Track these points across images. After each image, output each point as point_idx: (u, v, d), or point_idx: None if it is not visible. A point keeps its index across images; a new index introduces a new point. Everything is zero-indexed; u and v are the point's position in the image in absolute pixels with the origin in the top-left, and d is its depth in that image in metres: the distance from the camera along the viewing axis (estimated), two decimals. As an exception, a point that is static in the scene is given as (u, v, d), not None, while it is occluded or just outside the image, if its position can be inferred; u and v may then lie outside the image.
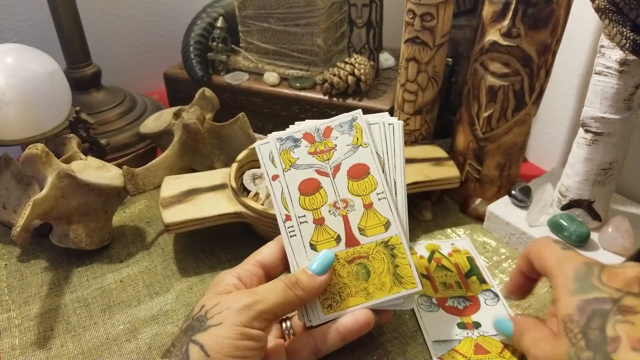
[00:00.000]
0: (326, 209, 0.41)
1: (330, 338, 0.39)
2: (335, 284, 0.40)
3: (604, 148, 0.47)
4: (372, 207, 0.41)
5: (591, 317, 0.32)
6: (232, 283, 0.37)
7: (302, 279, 0.37)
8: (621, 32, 0.40)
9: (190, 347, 0.33)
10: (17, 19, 0.76)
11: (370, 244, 0.40)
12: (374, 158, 0.42)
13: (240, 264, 0.40)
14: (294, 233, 0.41)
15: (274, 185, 0.42)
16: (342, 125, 0.43)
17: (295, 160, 0.42)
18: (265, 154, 0.43)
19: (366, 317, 0.39)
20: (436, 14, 0.52)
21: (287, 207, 0.41)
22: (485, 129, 0.55)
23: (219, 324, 0.33)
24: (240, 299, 0.34)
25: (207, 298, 0.36)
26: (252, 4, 0.70)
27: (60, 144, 0.56)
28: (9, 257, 0.54)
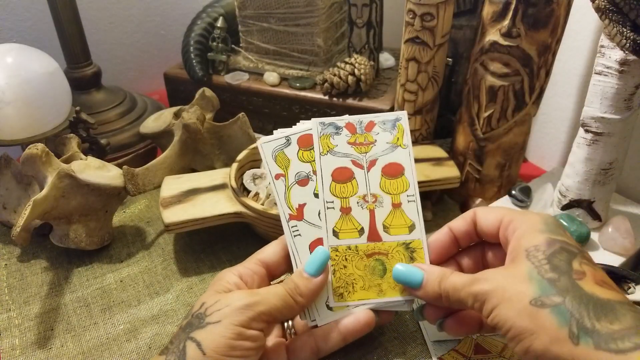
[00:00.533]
0: (355, 200, 0.41)
1: (331, 338, 0.38)
2: (350, 274, 0.40)
3: (604, 148, 0.47)
4: (400, 207, 0.41)
5: (558, 251, 0.32)
6: (233, 281, 0.37)
7: (300, 284, 0.37)
8: (621, 32, 0.40)
9: (187, 344, 0.33)
10: (17, 19, 0.76)
11: (392, 242, 0.40)
12: (410, 161, 0.42)
13: (242, 262, 0.40)
14: (298, 233, 0.40)
15: (277, 185, 0.42)
16: (385, 123, 0.44)
17: (333, 147, 0.43)
18: (268, 153, 0.43)
19: (367, 317, 0.39)
20: (436, 14, 0.52)
21: (291, 207, 0.41)
22: (485, 129, 0.55)
23: (217, 321, 0.33)
24: (240, 298, 0.34)
25: (207, 295, 0.36)
26: (252, 4, 0.70)
27: (60, 144, 0.56)
28: (9, 257, 0.54)
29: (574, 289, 0.30)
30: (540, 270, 0.31)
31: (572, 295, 0.30)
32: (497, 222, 0.37)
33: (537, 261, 0.32)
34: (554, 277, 0.31)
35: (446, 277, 0.35)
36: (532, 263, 0.32)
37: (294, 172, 0.42)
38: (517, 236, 0.34)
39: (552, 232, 0.34)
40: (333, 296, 0.39)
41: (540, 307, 0.30)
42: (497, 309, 0.31)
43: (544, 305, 0.30)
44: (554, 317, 0.29)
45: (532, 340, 0.29)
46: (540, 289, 0.30)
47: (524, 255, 0.33)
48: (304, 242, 0.40)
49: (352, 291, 0.40)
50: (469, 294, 0.33)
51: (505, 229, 0.36)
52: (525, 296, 0.30)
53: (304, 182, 0.42)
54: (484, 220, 0.38)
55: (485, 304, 0.32)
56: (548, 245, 0.33)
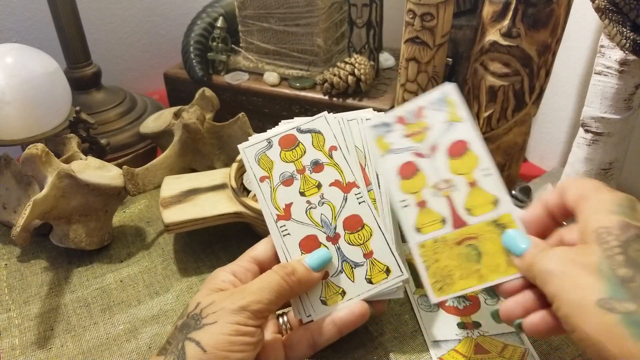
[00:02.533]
0: (428, 191, 0.40)
1: (326, 331, 0.39)
2: (444, 266, 0.38)
3: (604, 148, 0.47)
4: (476, 184, 0.39)
5: (634, 239, 0.27)
6: (227, 280, 0.38)
7: (299, 269, 0.38)
8: (621, 32, 0.40)
9: (186, 344, 0.33)
10: (17, 19, 0.76)
11: (480, 224, 0.38)
12: (473, 133, 0.40)
13: (235, 261, 0.40)
14: (287, 232, 0.41)
15: (263, 187, 0.42)
16: (433, 103, 0.41)
17: (389, 145, 0.41)
18: (251, 157, 0.43)
19: (361, 308, 0.39)
20: (436, 14, 0.52)
21: (277, 207, 0.41)
22: (485, 129, 0.55)
23: (214, 322, 0.33)
24: (234, 300, 0.34)
25: (201, 295, 0.36)
26: (252, 4, 0.70)
27: (60, 144, 0.56)
28: (9, 257, 0.54)
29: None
30: (613, 262, 0.27)
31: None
32: (577, 196, 0.32)
33: (609, 248, 0.27)
34: (628, 275, 0.26)
35: (543, 250, 0.31)
36: (604, 250, 0.27)
37: (278, 173, 0.42)
38: (585, 216, 0.30)
39: (627, 215, 0.28)
40: (433, 291, 0.38)
41: (608, 310, 0.25)
42: (558, 299, 0.27)
43: (614, 310, 0.25)
44: (626, 328, 0.25)
45: (597, 351, 0.25)
46: (611, 289, 0.26)
47: (594, 237, 0.28)
48: (293, 240, 0.41)
49: (450, 283, 0.38)
50: (535, 270, 0.30)
51: (577, 206, 0.31)
52: (591, 293, 0.26)
53: (288, 182, 0.42)
54: (568, 193, 0.33)
55: (546, 287, 0.28)
56: (622, 229, 0.28)
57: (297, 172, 0.42)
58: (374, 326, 0.45)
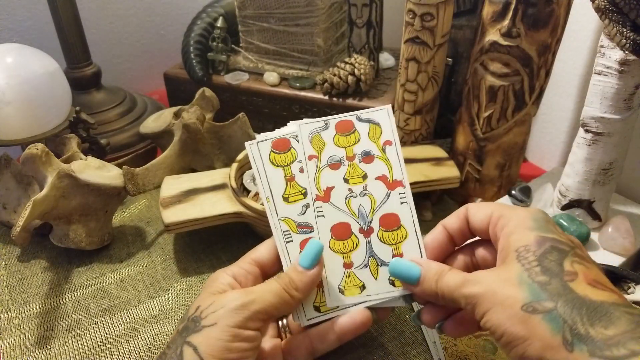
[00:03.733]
0: None
1: (327, 338, 0.38)
2: (462, 351, 0.42)
3: (604, 148, 0.47)
4: None
5: (549, 251, 0.31)
6: (227, 282, 0.37)
7: (295, 278, 0.37)
8: (621, 32, 0.40)
9: (184, 349, 0.32)
10: (17, 19, 0.76)
11: None
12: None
13: (236, 262, 0.40)
14: (322, 214, 0.40)
15: (309, 165, 0.41)
16: None
17: None
18: (305, 134, 0.43)
19: (363, 316, 0.38)
20: (436, 14, 0.52)
21: (319, 188, 0.41)
22: (485, 129, 0.55)
23: (213, 324, 0.33)
24: (235, 298, 0.34)
25: (202, 298, 0.36)
26: (252, 4, 0.70)
27: (60, 144, 0.56)
28: (9, 257, 0.54)
29: (566, 293, 0.29)
30: (531, 273, 0.30)
31: (565, 299, 0.29)
32: (487, 218, 0.36)
33: (528, 263, 0.31)
34: (545, 280, 0.30)
35: (443, 275, 0.34)
36: (523, 265, 0.31)
37: (328, 155, 0.42)
38: (506, 233, 0.33)
39: (541, 229, 0.33)
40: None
41: (532, 313, 0.29)
42: (488, 314, 0.31)
43: (536, 311, 0.29)
44: (547, 324, 0.28)
45: (525, 347, 0.29)
46: (531, 294, 0.30)
47: (514, 256, 0.32)
48: (326, 224, 0.40)
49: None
50: (461, 296, 0.33)
51: (495, 225, 0.35)
52: (516, 301, 0.30)
53: (335, 166, 0.42)
54: (474, 216, 0.37)
55: (477, 308, 0.31)
56: (538, 245, 0.32)
57: (347, 158, 0.42)
58: (374, 326, 0.46)
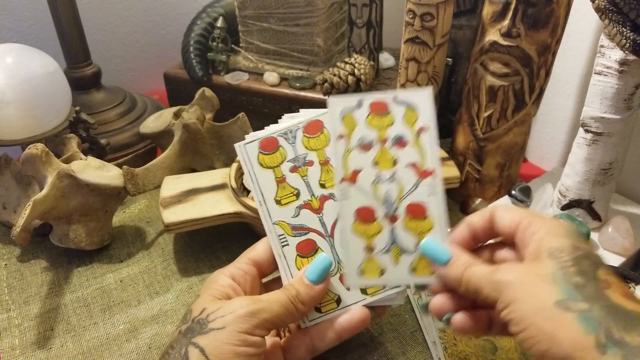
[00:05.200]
0: None
1: (326, 336, 0.38)
2: (461, 351, 0.42)
3: (604, 148, 0.47)
4: None
5: (582, 257, 0.31)
6: (226, 284, 0.37)
7: (302, 291, 0.37)
8: (621, 32, 0.40)
9: (190, 350, 0.32)
10: (17, 19, 0.76)
11: None
12: None
13: (233, 262, 0.40)
14: (345, 196, 0.39)
15: (338, 145, 0.40)
16: None
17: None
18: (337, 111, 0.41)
19: (362, 314, 0.38)
20: (436, 14, 0.52)
21: (346, 169, 0.39)
22: (485, 129, 0.55)
23: (221, 327, 0.33)
24: (244, 306, 0.34)
25: (205, 301, 0.36)
26: (252, 4, 0.70)
27: (60, 144, 0.56)
28: (9, 257, 0.54)
29: (601, 298, 0.28)
30: (566, 272, 0.30)
31: (600, 304, 0.28)
32: (515, 223, 0.35)
33: (563, 262, 0.30)
34: (581, 282, 0.29)
35: (472, 265, 0.34)
36: (558, 263, 0.30)
37: (358, 136, 0.40)
38: (538, 238, 0.33)
39: (574, 239, 0.32)
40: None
41: (564, 310, 0.28)
42: (514, 304, 0.30)
43: (570, 309, 0.28)
44: (581, 324, 0.27)
45: (550, 344, 0.28)
46: (566, 292, 0.29)
47: (547, 254, 0.31)
48: (350, 206, 0.39)
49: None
50: (489, 282, 0.32)
51: (525, 231, 0.34)
52: (549, 296, 0.29)
53: (366, 147, 0.40)
54: (502, 218, 0.36)
55: (503, 295, 0.30)
56: (572, 249, 0.31)
57: (379, 141, 0.40)
58: (374, 326, 0.46)
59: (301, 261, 0.40)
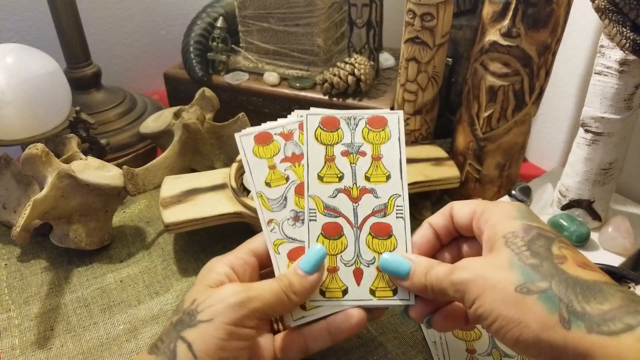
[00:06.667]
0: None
1: (320, 336, 0.37)
2: None
3: (604, 148, 0.47)
4: None
5: (536, 237, 0.31)
6: (224, 272, 0.36)
7: (295, 281, 0.36)
8: (621, 32, 0.40)
9: (178, 345, 0.32)
10: (17, 19, 0.76)
11: None
12: None
13: (233, 251, 0.39)
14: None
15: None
16: None
17: None
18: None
19: (358, 316, 0.37)
20: (436, 14, 0.52)
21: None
22: (485, 129, 0.55)
23: (209, 319, 0.32)
24: (234, 294, 0.33)
25: (198, 290, 0.35)
26: (252, 4, 0.70)
27: (60, 144, 0.56)
28: (9, 257, 0.54)
29: (558, 273, 0.29)
30: (521, 256, 0.30)
31: (558, 279, 0.29)
32: (470, 214, 0.36)
33: (517, 248, 0.31)
34: (536, 262, 0.30)
35: (432, 268, 0.34)
36: (512, 250, 0.31)
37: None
38: (492, 224, 0.33)
39: (526, 219, 0.33)
40: None
41: (526, 294, 0.28)
42: (479, 299, 0.30)
43: (530, 291, 0.29)
44: (543, 304, 0.28)
45: (521, 329, 0.28)
46: (524, 276, 0.29)
47: (502, 242, 0.32)
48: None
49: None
50: (450, 283, 0.32)
51: (479, 219, 0.35)
52: (509, 283, 0.29)
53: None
54: (458, 212, 0.37)
55: (466, 294, 0.31)
56: (525, 231, 0.32)
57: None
58: (374, 326, 0.46)
59: (322, 241, 0.39)
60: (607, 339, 0.26)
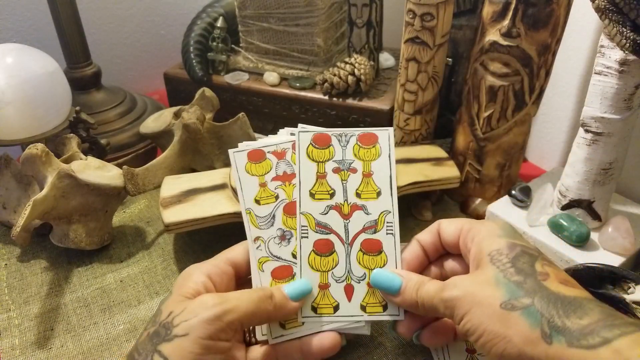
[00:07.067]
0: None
1: (292, 355, 0.38)
2: None
3: (604, 148, 0.47)
4: None
5: (520, 254, 0.33)
6: (201, 281, 0.36)
7: (277, 296, 0.36)
8: (621, 32, 0.40)
9: (154, 359, 0.32)
10: (17, 19, 0.76)
11: None
12: None
13: (210, 260, 0.39)
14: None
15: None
16: None
17: None
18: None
19: (332, 341, 0.38)
20: (436, 13, 0.52)
21: None
22: (485, 129, 0.55)
23: (184, 334, 0.32)
24: (208, 307, 0.33)
25: (174, 301, 0.35)
26: (252, 4, 0.70)
27: (60, 144, 0.56)
28: (9, 257, 0.54)
29: (541, 290, 0.30)
30: (506, 273, 0.32)
31: (540, 295, 0.30)
32: (457, 232, 0.37)
33: (502, 265, 0.32)
34: (520, 279, 0.31)
35: (423, 284, 0.35)
36: (497, 267, 0.32)
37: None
38: (477, 241, 0.35)
39: (510, 237, 0.35)
40: None
41: (510, 310, 0.30)
42: (467, 315, 0.31)
43: (514, 307, 0.30)
44: (526, 319, 0.29)
45: (505, 344, 0.29)
46: (509, 292, 0.31)
47: (488, 260, 0.33)
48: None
49: None
50: (440, 300, 0.33)
51: (465, 237, 0.36)
52: (494, 300, 0.31)
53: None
54: (445, 230, 0.38)
55: (456, 310, 0.32)
56: (510, 249, 0.33)
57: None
58: (374, 326, 0.45)
59: (313, 258, 0.40)
60: (586, 352, 0.27)
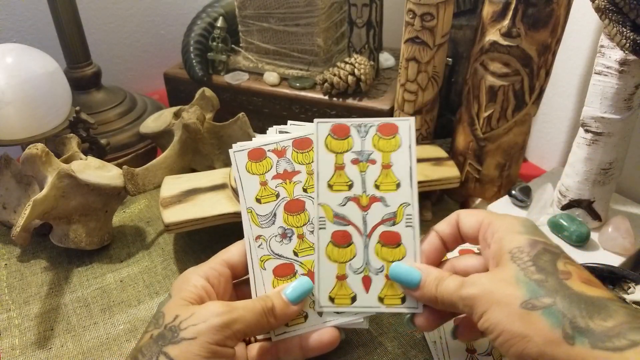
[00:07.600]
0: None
1: (292, 350, 0.39)
2: None
3: (604, 148, 0.47)
4: None
5: (542, 252, 0.32)
6: (201, 285, 0.37)
7: (277, 306, 0.37)
8: (621, 32, 0.40)
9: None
10: (17, 19, 0.76)
11: None
12: None
13: (207, 262, 0.40)
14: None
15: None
16: None
17: None
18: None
19: (331, 336, 0.38)
20: (436, 13, 0.52)
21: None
22: (485, 129, 0.55)
23: (192, 338, 0.32)
24: (217, 314, 0.33)
25: (178, 306, 0.35)
26: (252, 4, 0.70)
27: (60, 144, 0.56)
28: (9, 257, 0.54)
29: (563, 289, 0.30)
30: (527, 272, 0.31)
31: (562, 295, 0.29)
32: (477, 225, 0.37)
33: (523, 263, 0.32)
34: (542, 278, 0.30)
35: (443, 280, 0.35)
36: (518, 265, 0.32)
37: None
38: (498, 238, 0.34)
39: (531, 234, 0.34)
40: None
41: (531, 309, 0.29)
42: (487, 314, 0.31)
43: (535, 307, 0.29)
44: (547, 319, 0.29)
45: (525, 343, 0.29)
46: (530, 291, 0.30)
47: (509, 257, 0.32)
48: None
49: None
50: (460, 298, 0.33)
51: (485, 231, 0.36)
52: (515, 299, 0.30)
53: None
54: (465, 222, 0.38)
55: (475, 309, 0.32)
56: (531, 247, 0.33)
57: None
58: (374, 326, 0.46)
59: (331, 249, 0.39)
60: (612, 354, 0.26)
